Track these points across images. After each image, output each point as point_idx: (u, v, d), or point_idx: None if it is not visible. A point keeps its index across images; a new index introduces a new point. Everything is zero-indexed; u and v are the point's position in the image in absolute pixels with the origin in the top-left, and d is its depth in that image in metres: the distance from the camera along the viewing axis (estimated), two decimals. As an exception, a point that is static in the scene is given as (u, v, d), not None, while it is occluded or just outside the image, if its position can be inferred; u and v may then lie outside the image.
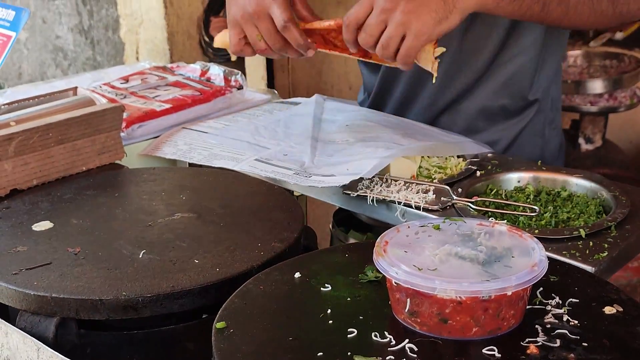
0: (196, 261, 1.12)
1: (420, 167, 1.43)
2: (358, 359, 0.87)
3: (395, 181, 1.35)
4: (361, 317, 0.95)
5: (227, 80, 1.86)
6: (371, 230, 1.55)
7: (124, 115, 1.55)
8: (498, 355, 0.88)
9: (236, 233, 1.20)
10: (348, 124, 1.64)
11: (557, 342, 0.89)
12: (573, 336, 0.90)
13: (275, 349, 0.90)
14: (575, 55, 3.13)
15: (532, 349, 0.88)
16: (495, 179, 1.39)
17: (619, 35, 3.16)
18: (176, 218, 1.26)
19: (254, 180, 1.41)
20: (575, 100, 2.99)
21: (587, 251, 1.14)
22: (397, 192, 1.32)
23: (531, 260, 0.93)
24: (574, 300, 0.97)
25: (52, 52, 3.31)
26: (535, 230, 1.19)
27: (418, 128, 1.63)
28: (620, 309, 0.95)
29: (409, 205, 1.29)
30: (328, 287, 1.02)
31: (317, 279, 1.03)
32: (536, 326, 0.92)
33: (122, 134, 1.55)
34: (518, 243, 0.98)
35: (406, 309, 0.92)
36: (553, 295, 0.98)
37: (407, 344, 0.89)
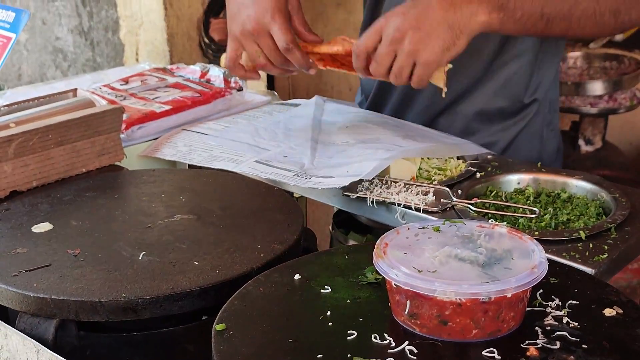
0: (196, 263, 1.12)
1: (420, 169, 1.43)
2: (358, 361, 0.87)
3: (395, 183, 1.35)
4: (361, 319, 0.95)
5: (227, 81, 1.86)
6: (371, 232, 1.55)
7: (124, 116, 1.55)
8: (498, 357, 0.88)
9: (236, 235, 1.20)
10: (348, 126, 1.64)
11: (557, 344, 0.89)
12: (573, 338, 0.90)
13: (275, 351, 0.90)
14: (575, 56, 3.13)
15: (532, 351, 0.88)
16: (495, 181, 1.39)
17: (619, 36, 3.16)
18: (176, 220, 1.26)
19: (254, 181, 1.41)
20: (575, 101, 2.99)
21: (587, 253, 1.14)
22: (397, 194, 1.32)
23: (531, 262, 0.93)
24: (574, 302, 0.97)
25: (52, 54, 3.31)
26: (535, 232, 1.19)
27: (418, 130, 1.63)
28: (620, 311, 0.95)
29: (409, 207, 1.29)
30: (328, 289, 1.01)
31: (317, 281, 1.03)
32: (536, 328, 0.92)
33: (122, 136, 1.55)
34: (518, 245, 0.98)
35: (406, 311, 0.92)
36: (553, 297, 0.98)
37: (407, 346, 0.89)
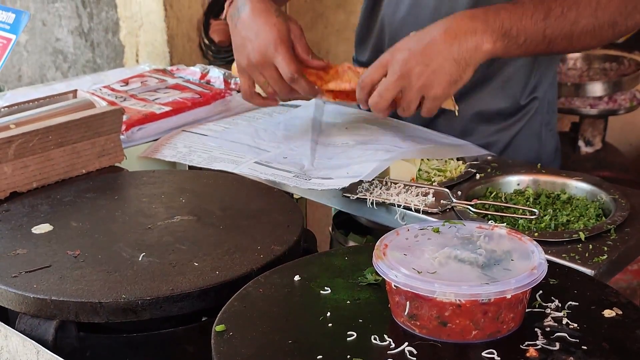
0: (196, 264, 1.12)
1: (419, 170, 1.43)
2: (357, 362, 0.87)
3: (394, 184, 1.35)
4: (361, 320, 0.95)
5: (227, 83, 1.86)
6: (371, 233, 1.55)
7: (124, 117, 1.55)
8: (497, 358, 0.88)
9: (236, 236, 1.20)
10: (348, 127, 1.64)
11: (557, 345, 0.89)
12: (572, 339, 0.90)
13: (274, 352, 0.90)
14: (574, 58, 3.13)
15: (532, 352, 0.89)
16: (494, 182, 1.39)
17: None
18: (176, 221, 1.26)
19: (254, 183, 1.41)
20: (575, 103, 2.99)
21: (587, 254, 1.14)
22: (397, 195, 1.32)
23: (530, 263, 0.93)
24: (574, 303, 0.97)
25: (52, 55, 3.31)
26: (534, 233, 1.19)
27: (417, 131, 1.63)
28: (619, 312, 0.95)
29: (409, 208, 1.29)
30: (327, 290, 1.02)
31: (317, 282, 1.04)
32: (535, 329, 0.92)
33: (122, 137, 1.55)
34: (517, 246, 0.98)
35: (406, 312, 0.92)
36: (552, 298, 0.98)
37: (407, 347, 0.89)
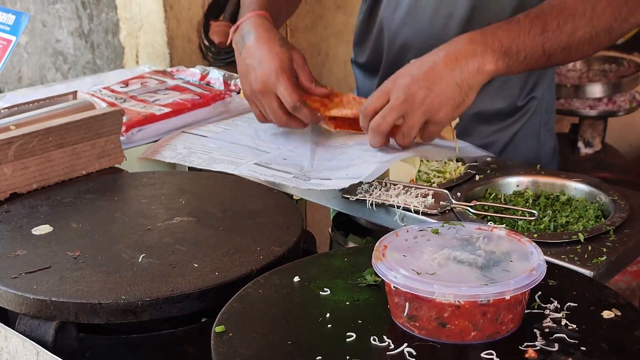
0: (195, 265, 1.12)
1: (419, 172, 1.44)
2: (357, 363, 0.87)
3: (394, 185, 1.36)
4: (360, 321, 0.95)
5: (227, 84, 1.86)
6: (370, 234, 1.55)
7: (124, 119, 1.55)
8: (496, 359, 0.88)
9: (235, 237, 1.20)
10: (347, 128, 1.64)
11: (556, 347, 0.90)
12: (571, 340, 0.91)
13: (274, 353, 0.90)
14: (574, 59, 3.12)
15: (531, 353, 0.89)
16: (494, 183, 1.39)
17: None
18: (175, 222, 1.26)
19: (253, 184, 1.42)
20: (574, 104, 2.99)
21: (586, 255, 1.14)
22: (396, 196, 1.32)
23: (530, 264, 0.94)
24: (573, 304, 0.97)
25: (52, 56, 3.31)
26: (534, 234, 1.19)
27: (417, 132, 1.63)
28: (618, 313, 0.95)
29: (408, 209, 1.29)
30: (327, 291, 1.02)
31: (316, 283, 1.04)
32: (534, 330, 0.93)
33: (122, 138, 1.55)
34: (517, 247, 0.98)
35: (405, 313, 0.92)
36: (551, 299, 0.98)
37: (406, 348, 0.90)
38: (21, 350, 1.03)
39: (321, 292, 1.02)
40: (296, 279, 1.05)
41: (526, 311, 0.95)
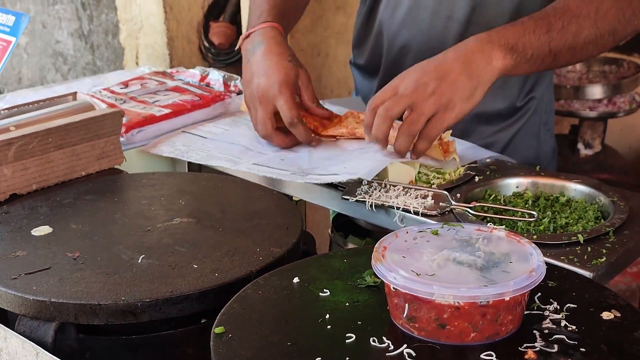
0: (195, 266, 1.12)
1: (418, 173, 1.44)
2: (356, 364, 0.87)
3: (393, 186, 1.36)
4: (359, 322, 0.95)
5: (227, 85, 1.86)
6: (370, 235, 1.55)
7: (124, 120, 1.55)
8: (496, 360, 0.88)
9: (235, 238, 1.20)
10: (347, 129, 1.64)
11: (555, 348, 0.90)
12: (571, 341, 0.91)
13: (273, 354, 0.90)
14: (574, 60, 3.12)
15: (530, 354, 0.89)
16: (493, 185, 1.39)
17: (618, 40, 3.16)
18: (175, 223, 1.26)
19: (253, 185, 1.42)
20: (574, 105, 2.99)
21: (585, 256, 1.14)
22: (396, 198, 1.32)
23: (529, 265, 0.94)
24: (572, 305, 0.97)
25: (52, 57, 3.32)
26: (533, 235, 1.19)
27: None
28: (618, 315, 0.96)
29: (408, 210, 1.29)
30: (327, 292, 1.02)
31: (316, 284, 1.04)
32: (534, 331, 0.93)
33: (122, 139, 1.55)
34: (516, 248, 0.98)
35: (404, 314, 0.92)
36: (551, 300, 0.98)
37: (405, 349, 0.90)
38: (21, 351, 1.03)
39: (321, 293, 1.02)
40: (296, 280, 1.05)
41: (526, 312, 0.95)
